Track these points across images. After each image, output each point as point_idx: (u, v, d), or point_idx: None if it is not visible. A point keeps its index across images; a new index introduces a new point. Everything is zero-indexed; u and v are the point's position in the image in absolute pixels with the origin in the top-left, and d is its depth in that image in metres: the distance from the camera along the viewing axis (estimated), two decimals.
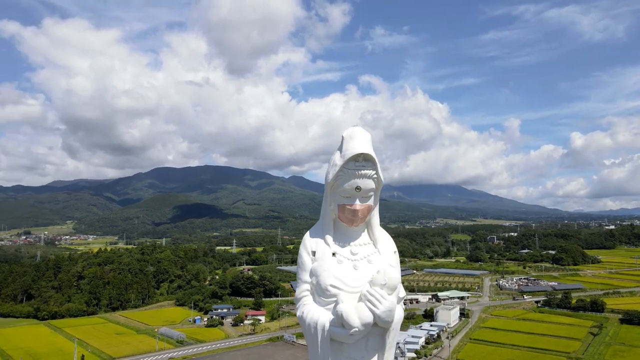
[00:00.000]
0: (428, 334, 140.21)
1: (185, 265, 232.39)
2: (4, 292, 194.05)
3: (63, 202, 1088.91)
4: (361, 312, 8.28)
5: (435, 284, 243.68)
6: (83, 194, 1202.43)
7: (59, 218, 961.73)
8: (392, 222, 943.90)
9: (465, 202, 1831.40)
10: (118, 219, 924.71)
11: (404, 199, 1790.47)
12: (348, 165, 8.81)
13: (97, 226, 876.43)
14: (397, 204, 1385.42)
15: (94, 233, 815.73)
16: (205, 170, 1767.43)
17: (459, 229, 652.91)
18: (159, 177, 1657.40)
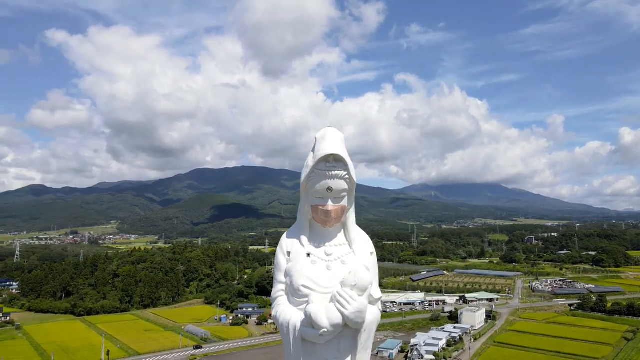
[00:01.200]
0: (450, 336, 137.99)
1: (215, 265, 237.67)
2: (45, 290, 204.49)
3: (108, 203, 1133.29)
4: (330, 313, 8.31)
5: (464, 285, 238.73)
6: (126, 195, 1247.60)
7: (104, 218, 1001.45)
8: (429, 222, 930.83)
9: (506, 202, 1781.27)
10: (158, 219, 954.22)
11: (441, 198, 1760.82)
12: (319, 166, 8.92)
13: (138, 226, 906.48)
14: (434, 203, 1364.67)
15: (136, 233, 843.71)
16: (242, 171, 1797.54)
17: (497, 229, 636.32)
18: (197, 178, 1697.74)
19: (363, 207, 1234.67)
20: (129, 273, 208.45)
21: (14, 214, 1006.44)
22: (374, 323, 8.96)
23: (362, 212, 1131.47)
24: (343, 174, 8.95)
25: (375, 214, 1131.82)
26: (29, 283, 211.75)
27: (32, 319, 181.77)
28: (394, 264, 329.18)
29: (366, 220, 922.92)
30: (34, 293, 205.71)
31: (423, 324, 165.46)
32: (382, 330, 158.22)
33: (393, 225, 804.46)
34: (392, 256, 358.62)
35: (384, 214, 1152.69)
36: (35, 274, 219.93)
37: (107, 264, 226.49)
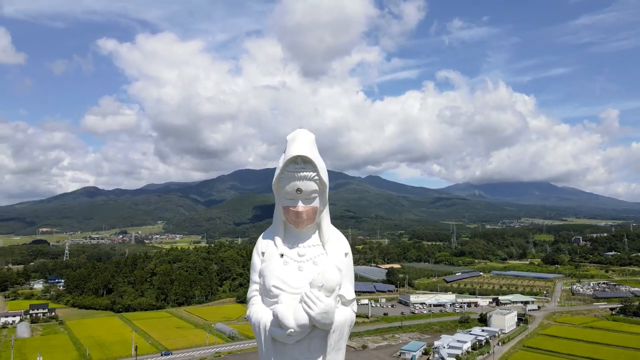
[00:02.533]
0: (475, 339, 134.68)
1: (247, 264, 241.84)
2: (87, 287, 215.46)
3: (155, 204, 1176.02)
4: (297, 314, 8.42)
5: (500, 287, 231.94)
6: (172, 195, 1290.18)
7: (151, 218, 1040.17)
8: (472, 222, 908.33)
9: (555, 200, 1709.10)
10: (202, 219, 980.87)
11: (485, 197, 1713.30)
12: (288, 168, 9.00)
13: (183, 226, 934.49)
14: (477, 203, 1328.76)
15: (181, 232, 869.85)
16: None
17: (543, 229, 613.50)
18: (240, 179, 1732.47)
19: (404, 207, 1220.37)
20: (165, 272, 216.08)
21: (69, 214, 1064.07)
22: (345, 324, 9.02)
23: (403, 212, 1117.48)
24: (312, 175, 9.02)
25: (417, 214, 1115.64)
26: (74, 280, 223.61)
27: (75, 314, 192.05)
28: (429, 265, 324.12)
29: (407, 220, 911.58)
30: (77, 290, 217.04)
31: (451, 326, 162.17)
32: (408, 332, 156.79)
33: (434, 225, 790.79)
34: (428, 257, 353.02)
35: (425, 213, 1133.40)
36: (79, 272, 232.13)
37: (146, 262, 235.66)
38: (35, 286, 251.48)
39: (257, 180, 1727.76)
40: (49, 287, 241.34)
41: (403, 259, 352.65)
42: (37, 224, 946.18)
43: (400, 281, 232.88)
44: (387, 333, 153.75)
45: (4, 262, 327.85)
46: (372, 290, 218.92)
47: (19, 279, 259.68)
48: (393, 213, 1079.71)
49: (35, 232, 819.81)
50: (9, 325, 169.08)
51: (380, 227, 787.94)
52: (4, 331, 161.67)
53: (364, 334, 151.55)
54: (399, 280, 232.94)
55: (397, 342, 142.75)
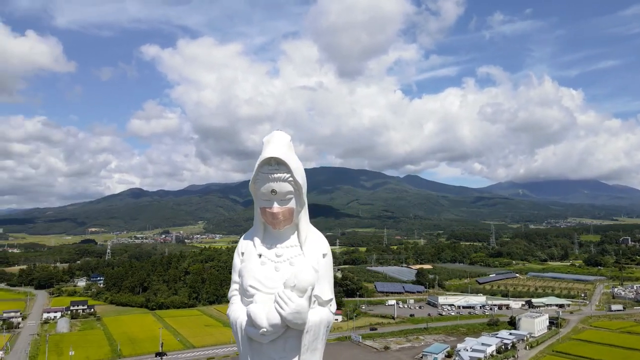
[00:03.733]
0: (501, 343, 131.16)
1: None
2: (124, 284, 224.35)
3: (196, 204, 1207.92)
4: (270, 313, 8.57)
5: (536, 289, 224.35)
6: (212, 196, 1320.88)
7: (192, 219, 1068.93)
8: (515, 221, 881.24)
9: (606, 199, 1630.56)
10: (241, 219, 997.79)
11: (529, 196, 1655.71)
12: (263, 170, 9.15)
13: (222, 226, 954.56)
14: (521, 202, 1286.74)
15: (220, 232, 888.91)
16: (321, 171, 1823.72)
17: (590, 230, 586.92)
18: None
19: (443, 207, 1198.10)
20: (197, 271, 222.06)
21: (116, 215, 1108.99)
22: (320, 324, 9.07)
23: (443, 212, 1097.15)
24: (286, 176, 9.08)
25: (457, 214, 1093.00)
26: (112, 278, 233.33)
27: (112, 311, 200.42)
28: (463, 266, 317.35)
29: (446, 220, 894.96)
30: (115, 287, 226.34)
31: (479, 328, 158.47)
32: (433, 334, 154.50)
33: (474, 225, 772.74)
34: (463, 257, 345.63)
35: (465, 213, 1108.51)
36: (117, 270, 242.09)
37: (180, 262, 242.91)
38: (79, 284, 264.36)
39: None
40: (90, 284, 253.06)
41: (437, 259, 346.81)
42: (87, 224, 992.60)
43: (430, 282, 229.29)
44: (412, 334, 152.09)
45: (52, 261, 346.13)
46: (400, 291, 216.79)
47: (64, 277, 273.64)
48: (432, 213, 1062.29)
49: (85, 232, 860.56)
50: (50, 321, 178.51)
51: (418, 227, 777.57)
52: (45, 326, 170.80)
53: (388, 335, 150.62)
54: (428, 281, 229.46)
55: (420, 344, 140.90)
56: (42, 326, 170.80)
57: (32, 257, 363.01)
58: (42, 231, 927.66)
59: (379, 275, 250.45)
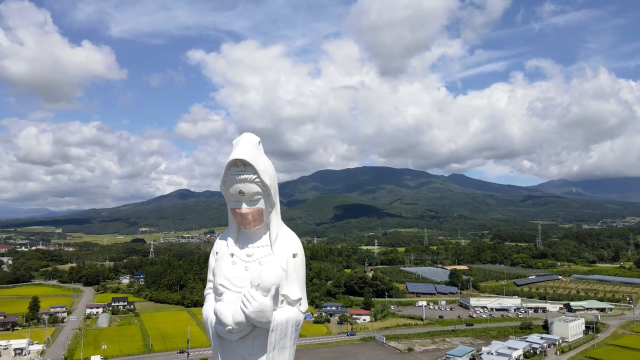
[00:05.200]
0: (530, 347, 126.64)
1: (310, 264, 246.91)
2: (163, 282, 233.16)
3: None
4: (235, 312, 8.84)
5: (577, 292, 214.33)
6: None
7: None
8: (567, 221, 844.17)
9: None
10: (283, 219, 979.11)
11: (584, 195, 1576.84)
12: (230, 171, 9.35)
13: None
14: (574, 201, 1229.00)
15: None
16: (363, 171, 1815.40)
17: None
18: (321, 180, 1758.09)
19: (490, 206, 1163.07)
20: None
21: (165, 215, 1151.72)
22: (288, 323, 9.21)
23: (489, 212, 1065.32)
24: (252, 177, 9.25)
25: (504, 213, 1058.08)
26: (152, 276, 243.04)
27: (150, 307, 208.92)
28: (503, 267, 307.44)
29: (492, 220, 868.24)
30: (155, 285, 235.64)
31: (510, 332, 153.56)
32: (461, 336, 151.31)
33: (522, 225, 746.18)
34: (504, 258, 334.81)
35: (513, 213, 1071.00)
36: (156, 268, 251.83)
37: None
38: (123, 281, 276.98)
39: (337, 180, 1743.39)
40: (133, 282, 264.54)
41: (477, 260, 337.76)
42: (138, 224, 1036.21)
43: (464, 283, 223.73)
44: (439, 336, 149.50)
45: (101, 259, 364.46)
46: (432, 292, 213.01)
47: (110, 274, 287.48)
48: (477, 212, 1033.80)
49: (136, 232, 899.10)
50: (92, 316, 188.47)
51: (462, 227, 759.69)
52: (88, 321, 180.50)
53: (414, 337, 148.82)
54: (462, 282, 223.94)
55: (446, 346, 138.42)
56: (85, 321, 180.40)
57: (84, 255, 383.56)
58: (97, 231, 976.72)
59: (412, 276, 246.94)
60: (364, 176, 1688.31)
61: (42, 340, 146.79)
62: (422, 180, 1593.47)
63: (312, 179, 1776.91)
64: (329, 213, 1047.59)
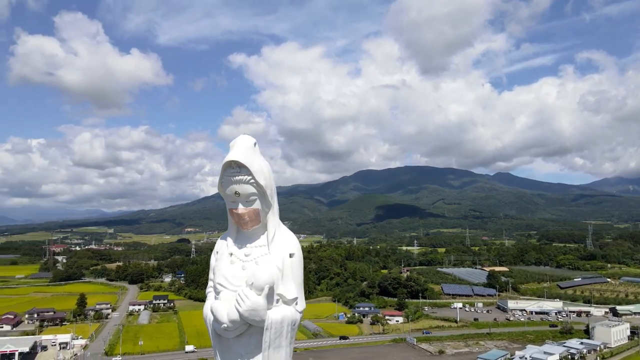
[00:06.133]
0: (567, 352, 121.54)
1: (345, 264, 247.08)
2: (201, 281, 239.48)
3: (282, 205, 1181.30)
4: (230, 310, 8.96)
5: (626, 295, 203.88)
6: (298, 197, 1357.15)
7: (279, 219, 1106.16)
8: (623, 221, 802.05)
9: None
10: (324, 220, 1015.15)
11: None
12: (226, 173, 9.46)
13: (307, 226, 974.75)
14: (631, 199, 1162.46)
15: (304, 232, 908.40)
16: (405, 171, 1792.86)
17: None
18: (362, 180, 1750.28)
19: (538, 206, 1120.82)
20: None
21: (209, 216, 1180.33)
22: (283, 322, 9.26)
23: (537, 211, 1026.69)
24: (247, 178, 9.33)
25: (553, 213, 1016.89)
26: (191, 275, 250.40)
27: (188, 305, 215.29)
28: (547, 269, 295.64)
29: (540, 220, 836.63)
30: (194, 284, 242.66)
31: (549, 336, 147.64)
32: (496, 340, 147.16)
33: (572, 225, 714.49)
34: (549, 260, 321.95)
35: (564, 212, 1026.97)
36: (196, 267, 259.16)
37: None
38: (165, 279, 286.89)
39: (379, 180, 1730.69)
40: (174, 280, 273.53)
41: (520, 261, 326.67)
42: (184, 224, 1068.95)
43: (503, 285, 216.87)
44: (472, 339, 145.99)
45: (147, 258, 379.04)
46: (469, 294, 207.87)
47: (153, 273, 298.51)
48: (525, 212, 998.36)
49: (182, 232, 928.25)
50: (135, 313, 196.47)
51: (508, 228, 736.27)
52: (130, 317, 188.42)
53: (446, 339, 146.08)
54: (500, 284, 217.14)
55: (480, 349, 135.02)
56: (127, 317, 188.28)
57: (130, 254, 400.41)
58: (146, 231, 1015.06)
59: (448, 277, 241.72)
60: (405, 176, 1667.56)
61: (87, 335, 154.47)
62: (466, 179, 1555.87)
63: (354, 179, 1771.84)
64: (370, 213, 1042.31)
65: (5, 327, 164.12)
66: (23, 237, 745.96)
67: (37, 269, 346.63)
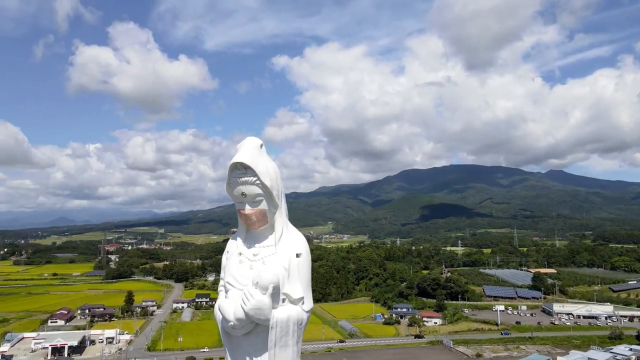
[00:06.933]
0: (613, 358, 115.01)
1: (384, 264, 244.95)
2: None
3: (325, 206, 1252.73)
4: (236, 308, 9.13)
5: None
6: (341, 197, 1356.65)
7: (322, 219, 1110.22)
8: None
9: None
10: (368, 220, 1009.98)
11: None
12: (233, 174, 9.67)
13: (350, 226, 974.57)
14: None
15: (348, 232, 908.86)
16: (451, 170, 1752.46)
17: None
18: (407, 179, 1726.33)
19: (595, 205, 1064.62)
20: None
21: None
22: (288, 321, 9.35)
23: (593, 210, 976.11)
24: (253, 180, 9.49)
25: (611, 212, 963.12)
26: None
27: None
28: (602, 271, 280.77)
29: (597, 219, 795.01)
30: None
31: (597, 341, 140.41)
32: (538, 344, 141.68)
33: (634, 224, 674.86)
34: (604, 261, 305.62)
35: (623, 211, 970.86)
36: None
37: None
38: (209, 278, 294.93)
39: (424, 179, 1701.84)
40: (217, 279, 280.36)
41: (571, 263, 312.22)
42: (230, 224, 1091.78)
43: (549, 287, 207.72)
44: (513, 343, 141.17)
45: (193, 258, 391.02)
46: (512, 296, 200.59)
47: (198, 272, 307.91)
48: (580, 212, 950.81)
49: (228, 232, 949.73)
50: (178, 310, 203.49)
51: (561, 228, 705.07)
52: (173, 315, 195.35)
53: (485, 342, 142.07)
54: (547, 286, 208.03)
55: (520, 354, 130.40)
56: (171, 315, 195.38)
57: (178, 254, 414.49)
58: (194, 231, 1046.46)
59: (491, 279, 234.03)
60: (451, 175, 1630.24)
61: (132, 330, 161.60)
62: (515, 177, 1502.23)
63: (398, 179, 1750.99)
64: (415, 213, 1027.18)
65: (59, 322, 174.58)
66: (82, 237, 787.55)
67: (92, 267, 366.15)
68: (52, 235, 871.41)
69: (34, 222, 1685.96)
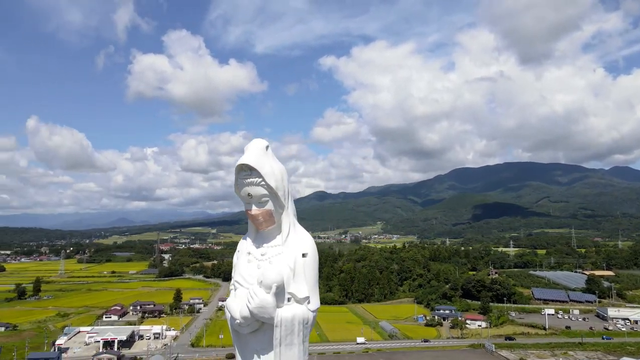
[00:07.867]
0: None
1: (428, 265, 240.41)
2: None
3: (374, 205, 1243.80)
4: (242, 307, 9.34)
5: None
6: (390, 197, 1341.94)
7: (371, 219, 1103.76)
8: None
9: None
10: (418, 220, 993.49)
11: None
12: (239, 176, 9.88)
13: (400, 227, 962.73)
14: None
15: (397, 233, 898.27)
16: (505, 167, 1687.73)
17: None
18: (458, 178, 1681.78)
19: None
20: (348, 270, 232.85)
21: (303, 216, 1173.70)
22: (293, 320, 9.47)
23: None
24: (258, 181, 9.68)
25: None
26: None
27: None
28: None
29: None
30: None
31: None
32: (589, 350, 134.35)
33: None
34: None
35: None
36: None
37: (337, 261, 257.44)
38: None
39: (476, 178, 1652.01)
40: None
41: (633, 265, 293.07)
42: None
43: (605, 291, 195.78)
44: (561, 349, 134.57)
45: None
46: (564, 300, 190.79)
47: None
48: None
49: None
50: (223, 308, 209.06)
51: (626, 227, 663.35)
52: (218, 312, 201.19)
53: (531, 347, 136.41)
54: (602, 289, 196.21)
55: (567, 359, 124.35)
56: (216, 312, 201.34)
57: (227, 253, 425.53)
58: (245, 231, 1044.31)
59: (541, 281, 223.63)
60: (505, 173, 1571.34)
61: (178, 327, 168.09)
62: (575, 175, 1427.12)
63: (449, 178, 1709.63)
64: (467, 213, 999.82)
65: (113, 317, 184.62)
66: (140, 237, 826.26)
67: (147, 265, 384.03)
68: (113, 235, 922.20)
69: (97, 222, 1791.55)
